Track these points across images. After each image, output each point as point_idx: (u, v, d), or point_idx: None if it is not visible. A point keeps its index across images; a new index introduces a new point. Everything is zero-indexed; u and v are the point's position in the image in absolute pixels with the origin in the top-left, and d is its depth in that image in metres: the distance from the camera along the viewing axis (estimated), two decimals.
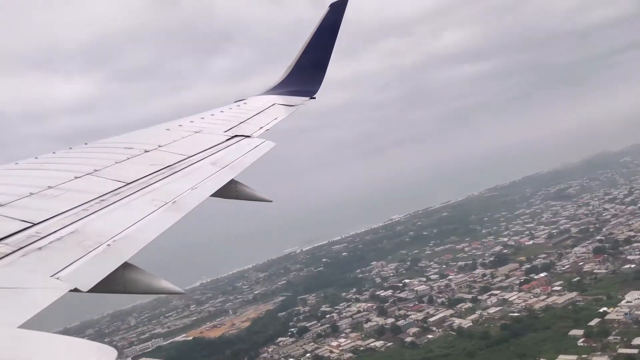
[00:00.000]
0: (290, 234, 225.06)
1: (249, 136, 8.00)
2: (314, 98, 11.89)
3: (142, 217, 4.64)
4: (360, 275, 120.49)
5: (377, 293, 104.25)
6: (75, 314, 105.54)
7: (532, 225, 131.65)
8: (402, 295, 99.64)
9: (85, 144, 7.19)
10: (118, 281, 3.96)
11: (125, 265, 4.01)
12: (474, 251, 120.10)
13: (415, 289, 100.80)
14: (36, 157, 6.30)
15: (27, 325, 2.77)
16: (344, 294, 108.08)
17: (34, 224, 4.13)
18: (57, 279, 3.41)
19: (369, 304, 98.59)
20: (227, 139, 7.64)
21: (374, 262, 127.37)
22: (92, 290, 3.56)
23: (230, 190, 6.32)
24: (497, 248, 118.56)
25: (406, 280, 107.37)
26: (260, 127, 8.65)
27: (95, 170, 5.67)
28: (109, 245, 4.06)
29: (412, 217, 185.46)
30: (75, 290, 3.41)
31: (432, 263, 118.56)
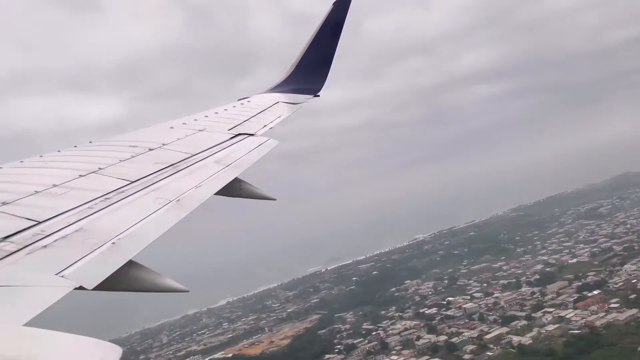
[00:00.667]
0: (311, 254, 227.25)
1: (252, 134, 7.99)
2: (318, 96, 11.89)
3: (146, 215, 4.64)
4: (396, 294, 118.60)
5: (421, 311, 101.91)
6: (101, 332, 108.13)
7: (570, 244, 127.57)
8: (449, 313, 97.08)
9: (90, 142, 7.26)
10: (123, 279, 3.95)
11: (130, 263, 4.00)
12: (513, 270, 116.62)
13: (463, 306, 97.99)
14: (41, 156, 6.37)
15: (33, 323, 2.76)
16: (383, 312, 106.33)
17: (39, 222, 4.14)
18: (62, 277, 3.40)
19: (415, 322, 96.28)
20: (231, 137, 7.66)
21: (408, 281, 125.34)
22: (97, 288, 3.54)
23: (234, 189, 6.31)
24: (538, 266, 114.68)
25: (450, 298, 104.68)
26: (264, 126, 8.63)
27: (100, 169, 5.71)
28: (113, 243, 4.05)
29: (438, 236, 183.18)
30: (81, 288, 3.39)
31: (471, 281, 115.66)
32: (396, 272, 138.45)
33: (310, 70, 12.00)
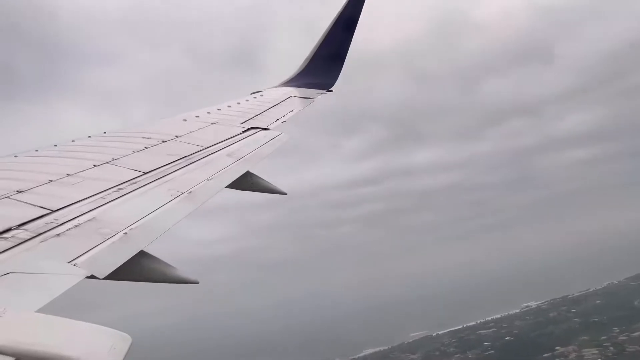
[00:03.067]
0: (407, 318, 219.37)
1: (265, 128, 8.01)
2: (331, 91, 11.80)
3: (158, 206, 4.65)
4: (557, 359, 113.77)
5: None
6: None
7: None
8: None
9: (104, 132, 7.31)
10: (134, 269, 3.93)
11: (142, 254, 4.00)
12: None
13: None
14: (55, 145, 6.40)
15: (45, 309, 2.78)
16: None
17: (53, 211, 4.15)
18: (75, 265, 3.42)
19: None
20: (244, 131, 7.67)
21: (559, 347, 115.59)
22: (108, 278, 3.55)
23: (245, 182, 6.33)
24: None
25: None
26: (277, 120, 8.65)
27: (114, 159, 5.73)
28: (125, 233, 4.06)
29: (554, 304, 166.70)
30: (92, 277, 3.41)
31: None
32: (532, 339, 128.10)
33: (324, 65, 11.93)
